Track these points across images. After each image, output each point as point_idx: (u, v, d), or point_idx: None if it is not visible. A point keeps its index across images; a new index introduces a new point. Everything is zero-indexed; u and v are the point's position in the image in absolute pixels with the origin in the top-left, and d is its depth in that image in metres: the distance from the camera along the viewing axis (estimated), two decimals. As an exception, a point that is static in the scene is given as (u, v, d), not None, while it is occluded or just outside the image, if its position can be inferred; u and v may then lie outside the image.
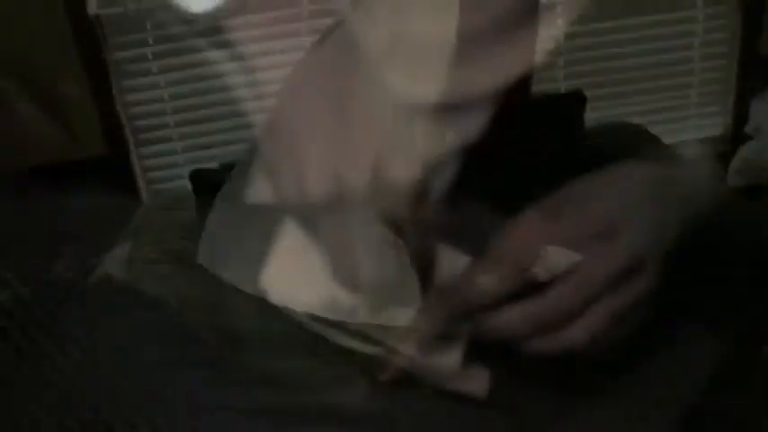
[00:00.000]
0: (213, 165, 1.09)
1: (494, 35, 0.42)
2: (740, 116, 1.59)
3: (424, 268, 0.41)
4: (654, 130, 1.25)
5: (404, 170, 0.39)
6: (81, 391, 0.38)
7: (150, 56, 1.43)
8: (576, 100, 1.09)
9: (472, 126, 0.42)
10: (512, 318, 0.39)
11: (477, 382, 0.41)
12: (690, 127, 1.66)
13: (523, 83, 0.51)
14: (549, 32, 0.44)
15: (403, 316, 0.41)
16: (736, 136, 1.57)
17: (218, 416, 0.39)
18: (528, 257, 0.38)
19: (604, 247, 0.38)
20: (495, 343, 0.39)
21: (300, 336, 0.43)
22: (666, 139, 1.22)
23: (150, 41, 1.42)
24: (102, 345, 0.41)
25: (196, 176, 0.98)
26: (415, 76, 0.42)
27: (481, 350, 0.40)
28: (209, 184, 0.71)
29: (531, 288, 0.39)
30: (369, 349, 0.41)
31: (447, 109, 0.42)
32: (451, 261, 0.41)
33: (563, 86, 1.54)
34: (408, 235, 0.40)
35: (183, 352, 0.42)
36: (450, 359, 0.41)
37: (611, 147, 1.07)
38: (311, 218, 0.41)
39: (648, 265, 0.39)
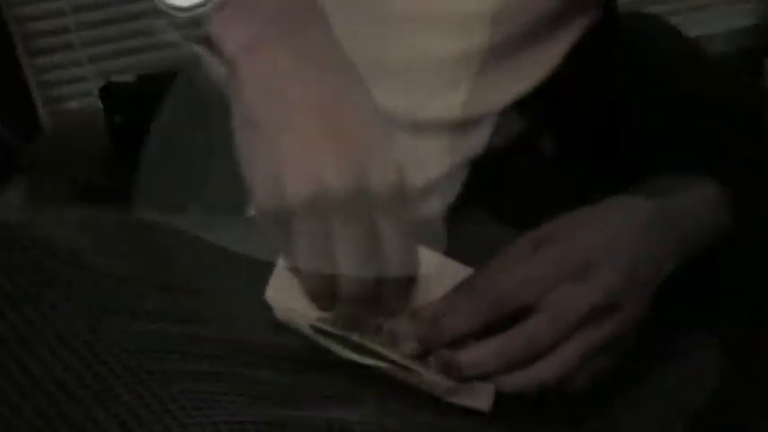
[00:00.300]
0: (128, 77, 1.06)
1: (523, 45, 0.47)
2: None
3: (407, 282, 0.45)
4: (674, 20, 1.22)
5: (392, 179, 0.42)
6: (74, 395, 0.39)
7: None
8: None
9: (485, 136, 0.48)
10: (484, 353, 0.44)
11: (482, 397, 0.45)
12: (717, 16, 1.62)
13: None
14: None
15: (387, 327, 0.46)
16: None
17: (219, 428, 0.40)
18: (503, 290, 0.44)
19: (580, 282, 0.44)
20: (466, 379, 0.44)
21: (301, 347, 0.46)
22: (690, 32, 1.20)
23: None
24: (100, 348, 0.42)
25: (107, 91, 0.96)
26: (430, 91, 0.47)
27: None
28: (123, 101, 0.77)
29: (503, 322, 0.44)
30: (371, 363, 0.45)
31: (465, 123, 0.48)
32: (452, 273, 0.46)
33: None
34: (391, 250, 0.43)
35: (184, 362, 0.44)
36: None
37: (624, 44, 1.08)
38: (287, 226, 0.42)
39: (628, 302, 0.45)
